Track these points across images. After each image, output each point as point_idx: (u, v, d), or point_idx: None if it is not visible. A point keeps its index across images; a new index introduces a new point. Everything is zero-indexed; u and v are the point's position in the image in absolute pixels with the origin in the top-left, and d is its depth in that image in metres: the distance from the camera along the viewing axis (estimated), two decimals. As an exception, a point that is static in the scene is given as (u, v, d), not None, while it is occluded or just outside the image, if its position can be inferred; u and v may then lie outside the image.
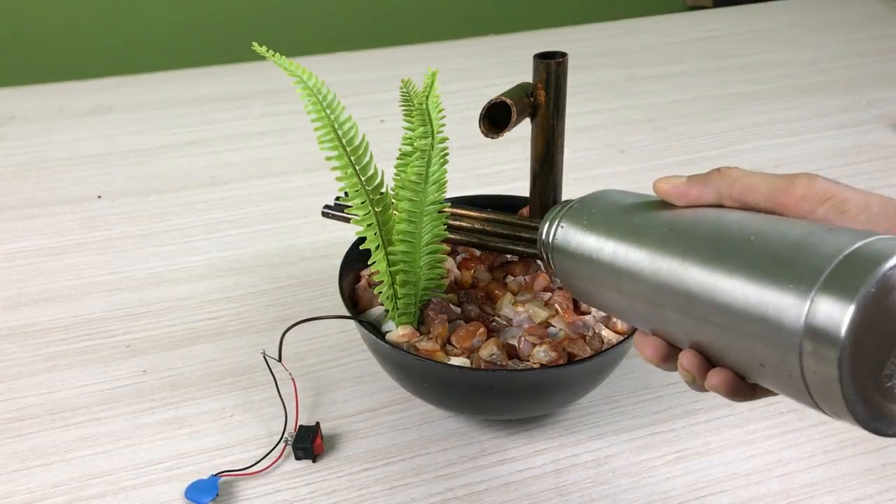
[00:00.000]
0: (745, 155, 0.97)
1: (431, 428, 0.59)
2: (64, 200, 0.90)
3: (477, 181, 0.92)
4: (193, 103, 1.15)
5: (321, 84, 0.49)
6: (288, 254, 0.79)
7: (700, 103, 1.12)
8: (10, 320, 0.71)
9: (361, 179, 0.51)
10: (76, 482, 0.55)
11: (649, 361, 0.39)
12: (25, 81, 1.27)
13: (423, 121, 0.49)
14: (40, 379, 0.64)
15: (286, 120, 1.09)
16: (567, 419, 0.59)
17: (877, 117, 1.06)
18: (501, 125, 0.54)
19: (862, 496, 0.53)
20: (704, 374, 0.36)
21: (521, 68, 0.70)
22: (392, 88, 0.78)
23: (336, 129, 0.50)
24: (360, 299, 0.59)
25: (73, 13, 2.10)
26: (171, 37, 2.19)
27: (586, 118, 1.08)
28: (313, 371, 0.64)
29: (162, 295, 0.74)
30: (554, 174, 0.61)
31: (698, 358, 0.36)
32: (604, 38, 1.39)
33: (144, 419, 0.60)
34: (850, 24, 1.42)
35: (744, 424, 0.58)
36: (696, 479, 0.54)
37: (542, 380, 0.52)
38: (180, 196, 0.90)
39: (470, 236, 0.62)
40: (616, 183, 0.91)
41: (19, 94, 1.20)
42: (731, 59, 1.28)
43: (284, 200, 0.89)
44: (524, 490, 0.53)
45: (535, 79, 0.57)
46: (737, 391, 0.35)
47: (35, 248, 0.81)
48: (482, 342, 0.54)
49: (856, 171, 0.93)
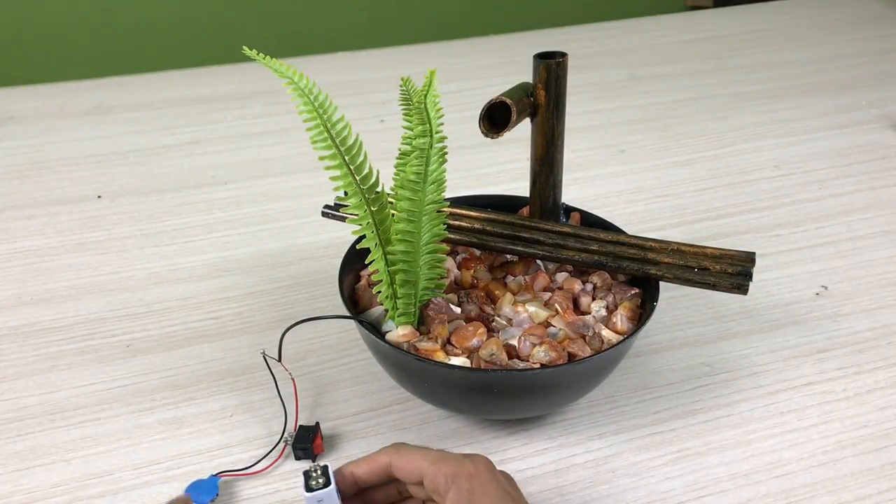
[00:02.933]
0: (745, 155, 0.97)
1: (431, 428, 0.59)
2: (64, 200, 0.90)
3: (477, 181, 0.92)
4: (193, 103, 1.15)
5: (312, 84, 0.49)
6: (288, 254, 0.79)
7: (700, 103, 1.12)
8: (10, 320, 0.71)
9: (356, 179, 0.51)
10: (76, 482, 0.55)
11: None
12: (25, 81, 1.27)
13: (422, 120, 0.49)
14: (40, 379, 0.64)
15: (286, 120, 1.09)
16: (567, 419, 0.59)
17: (877, 117, 1.06)
18: (501, 125, 0.54)
19: (862, 496, 0.53)
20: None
21: (521, 68, 0.70)
22: (392, 88, 0.78)
23: (329, 129, 0.50)
24: (360, 299, 0.59)
25: (73, 13, 2.10)
26: (171, 37, 2.19)
27: (586, 118, 1.08)
28: (313, 371, 0.64)
29: (162, 295, 0.74)
30: (554, 174, 0.61)
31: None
32: (604, 38, 1.39)
33: (144, 419, 0.60)
34: (850, 24, 1.42)
35: (744, 424, 0.58)
36: (696, 479, 0.54)
37: (542, 380, 0.52)
38: (180, 196, 0.90)
39: (470, 236, 0.62)
40: (616, 183, 0.91)
41: (19, 94, 1.20)
42: (731, 59, 1.28)
43: (284, 200, 0.89)
44: (524, 490, 0.53)
45: (535, 79, 0.57)
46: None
47: (35, 248, 0.81)
48: (482, 342, 0.54)
49: (856, 171, 0.93)
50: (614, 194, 0.89)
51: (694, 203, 0.87)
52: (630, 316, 0.57)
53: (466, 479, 0.42)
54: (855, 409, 0.59)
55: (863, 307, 0.70)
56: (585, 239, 0.60)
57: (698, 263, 0.57)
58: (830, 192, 0.89)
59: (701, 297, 0.71)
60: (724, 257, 0.57)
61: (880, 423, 0.58)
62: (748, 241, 0.80)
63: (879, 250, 0.78)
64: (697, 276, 0.57)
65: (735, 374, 0.63)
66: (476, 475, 0.42)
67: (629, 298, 0.58)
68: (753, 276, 0.56)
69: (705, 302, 0.71)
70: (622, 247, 0.60)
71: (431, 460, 0.43)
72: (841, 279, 0.74)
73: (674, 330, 0.68)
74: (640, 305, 0.58)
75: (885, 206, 0.86)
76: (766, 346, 0.66)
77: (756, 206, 0.86)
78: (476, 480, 0.42)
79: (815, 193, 0.89)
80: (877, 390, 0.61)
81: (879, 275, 0.74)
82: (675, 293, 0.71)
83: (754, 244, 0.79)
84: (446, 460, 0.43)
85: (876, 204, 0.86)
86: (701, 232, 0.82)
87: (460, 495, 0.41)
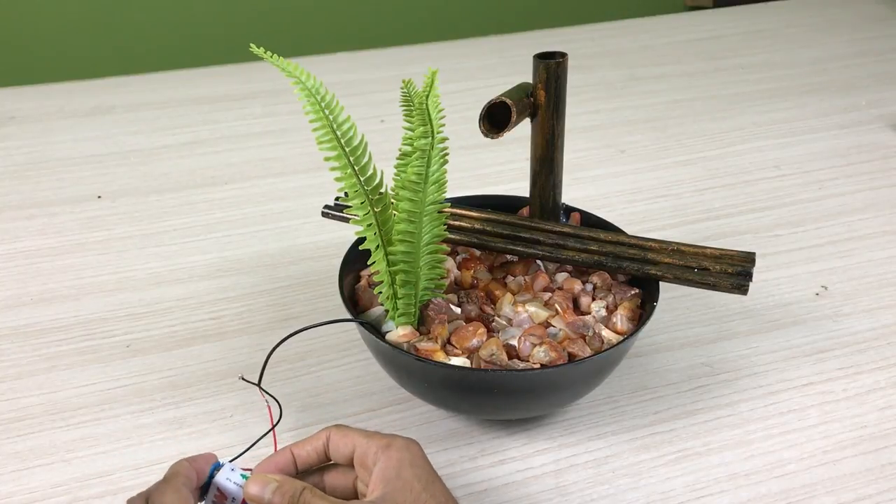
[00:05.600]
0: (745, 155, 0.97)
1: (431, 428, 0.59)
2: (64, 200, 0.90)
3: (477, 181, 0.92)
4: (193, 103, 1.15)
5: (319, 84, 0.49)
6: (288, 254, 0.79)
7: (700, 103, 1.12)
8: (10, 320, 0.71)
9: (360, 180, 0.51)
10: (76, 482, 0.55)
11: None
12: (25, 81, 1.27)
13: (423, 121, 0.49)
14: (40, 379, 0.64)
15: (286, 120, 1.09)
16: (567, 419, 0.59)
17: (877, 117, 1.06)
18: (501, 125, 0.54)
19: (862, 496, 0.53)
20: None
21: (521, 68, 0.70)
22: (392, 88, 0.78)
23: (335, 130, 0.50)
24: (360, 299, 0.59)
25: (73, 13, 2.10)
26: (171, 37, 2.19)
27: (586, 118, 1.08)
28: (313, 371, 0.64)
29: (162, 295, 0.74)
30: (554, 174, 0.61)
31: None
32: (604, 38, 1.39)
33: (144, 419, 0.60)
34: (849, 24, 1.42)
35: (744, 424, 0.58)
36: (696, 479, 0.54)
37: (542, 380, 0.52)
38: (180, 196, 0.90)
39: (470, 236, 0.62)
40: (616, 183, 0.92)
41: (19, 94, 1.20)
42: (731, 59, 1.28)
43: (284, 200, 0.89)
44: (524, 490, 0.53)
45: (535, 79, 0.57)
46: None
47: (35, 248, 0.81)
48: (482, 342, 0.54)
49: (856, 171, 0.93)
50: (614, 194, 0.89)
51: (694, 203, 0.87)
52: (630, 316, 0.57)
53: (397, 450, 0.43)
54: (855, 409, 0.59)
55: (863, 307, 0.70)
56: (585, 239, 0.60)
57: (698, 263, 0.57)
58: (830, 192, 0.89)
59: (701, 297, 0.71)
60: (724, 257, 0.57)
61: (880, 423, 0.58)
62: (748, 241, 0.80)
63: (879, 250, 0.78)
64: (697, 277, 0.57)
65: (735, 374, 0.63)
66: (407, 448, 0.43)
67: (629, 298, 0.58)
68: (753, 276, 0.56)
69: (705, 302, 0.71)
70: (622, 247, 0.60)
71: (366, 435, 0.44)
72: (841, 279, 0.74)
73: (674, 330, 0.68)
74: (640, 305, 0.58)
75: (884, 206, 0.86)
76: (767, 346, 0.66)
77: (756, 206, 0.86)
78: (406, 453, 0.43)
79: (814, 193, 0.89)
80: (877, 390, 0.61)
81: (879, 275, 0.74)
82: (675, 293, 0.71)
83: (754, 244, 0.79)
84: (380, 435, 0.44)
85: (876, 204, 0.86)
86: (701, 232, 0.82)
87: (389, 464, 0.42)
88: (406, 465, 0.42)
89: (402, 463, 0.42)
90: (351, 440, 0.44)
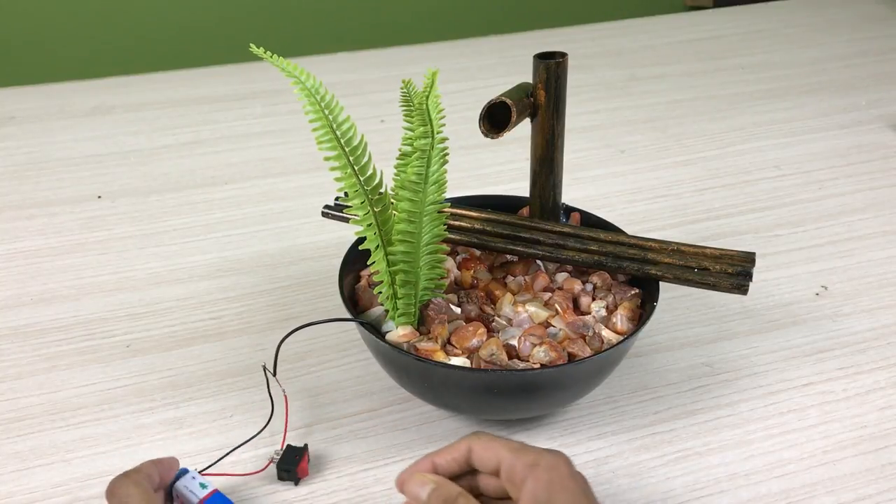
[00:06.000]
0: (745, 155, 0.97)
1: (431, 428, 0.59)
2: (64, 200, 0.90)
3: (477, 181, 0.92)
4: (193, 103, 1.15)
5: (319, 84, 0.49)
6: (288, 254, 0.79)
7: (700, 103, 1.12)
8: (10, 320, 0.71)
9: (360, 180, 0.51)
10: (76, 482, 0.55)
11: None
12: (25, 81, 1.27)
13: (423, 121, 0.49)
14: (40, 379, 0.64)
15: (286, 120, 1.09)
16: (567, 419, 0.59)
17: (877, 117, 1.06)
18: (501, 125, 0.54)
19: (862, 496, 0.53)
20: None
21: (521, 68, 0.70)
22: (392, 88, 0.78)
23: (334, 130, 0.50)
24: (360, 299, 0.59)
25: (73, 13, 2.10)
26: (171, 37, 2.19)
27: (586, 118, 1.08)
28: (313, 371, 0.64)
29: (162, 295, 0.74)
30: (554, 174, 0.61)
31: None
32: (604, 38, 1.39)
33: (144, 419, 0.60)
34: (849, 24, 1.42)
35: (743, 424, 0.58)
36: (696, 479, 0.54)
37: (542, 380, 0.52)
38: (180, 196, 0.90)
39: (470, 236, 0.62)
40: (616, 183, 0.92)
41: (19, 94, 1.20)
42: (731, 59, 1.28)
43: (284, 200, 0.89)
44: (524, 490, 0.53)
45: (535, 79, 0.57)
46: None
47: (35, 248, 0.81)
48: (482, 342, 0.54)
49: (856, 171, 0.93)
50: (614, 194, 0.89)
51: (694, 203, 0.87)
52: (630, 316, 0.57)
53: (545, 470, 0.41)
54: (855, 409, 0.59)
55: (863, 307, 0.70)
56: (585, 239, 0.60)
57: (698, 263, 0.57)
58: (830, 192, 0.89)
59: (701, 297, 0.71)
60: (724, 257, 0.57)
61: (880, 423, 0.58)
62: (748, 241, 0.80)
63: (879, 250, 0.78)
64: (697, 277, 0.57)
65: (735, 374, 0.63)
66: (555, 468, 0.41)
67: (629, 298, 0.58)
68: (753, 276, 0.56)
69: (705, 302, 0.71)
70: (622, 247, 0.60)
71: (511, 449, 0.43)
72: (841, 279, 0.74)
73: (674, 330, 0.68)
74: (640, 305, 0.58)
75: (884, 206, 0.86)
76: (767, 346, 0.66)
77: (756, 206, 0.86)
78: (555, 473, 0.41)
79: (814, 193, 0.89)
80: (877, 390, 0.61)
81: (879, 275, 0.74)
82: (675, 293, 0.71)
83: (754, 244, 0.79)
84: (526, 450, 0.43)
85: (876, 204, 0.86)
86: (701, 232, 0.82)
87: (538, 485, 0.40)
88: (557, 490, 0.40)
89: (553, 486, 0.41)
90: (495, 453, 0.43)
